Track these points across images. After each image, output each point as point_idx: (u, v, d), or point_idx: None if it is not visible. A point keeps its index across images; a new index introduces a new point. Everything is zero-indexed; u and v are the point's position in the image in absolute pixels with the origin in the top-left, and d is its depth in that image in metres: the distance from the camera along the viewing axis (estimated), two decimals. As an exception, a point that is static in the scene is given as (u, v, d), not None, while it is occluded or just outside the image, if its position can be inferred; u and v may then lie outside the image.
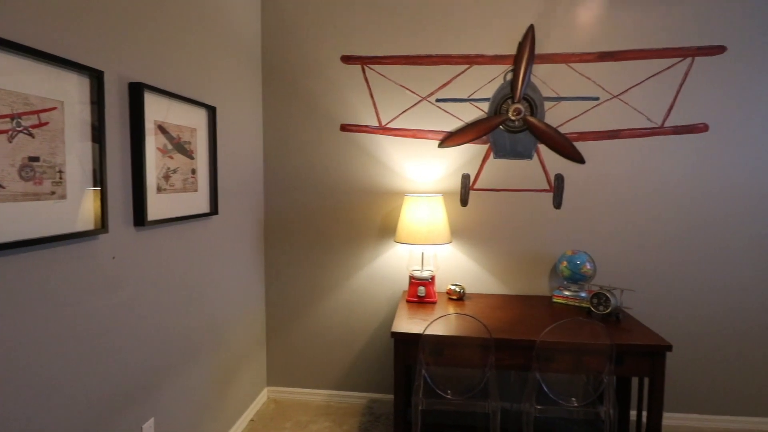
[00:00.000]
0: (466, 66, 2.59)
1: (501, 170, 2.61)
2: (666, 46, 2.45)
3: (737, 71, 2.42)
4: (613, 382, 1.98)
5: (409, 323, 2.10)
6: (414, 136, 2.66)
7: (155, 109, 1.68)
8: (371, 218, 2.73)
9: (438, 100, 2.62)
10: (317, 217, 2.77)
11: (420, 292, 2.43)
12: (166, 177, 1.76)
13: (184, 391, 1.94)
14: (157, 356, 1.74)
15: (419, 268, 2.60)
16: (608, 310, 2.15)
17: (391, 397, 2.81)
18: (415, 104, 2.63)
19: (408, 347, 2.01)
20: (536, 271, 2.63)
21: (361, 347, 2.81)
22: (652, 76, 2.46)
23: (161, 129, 1.72)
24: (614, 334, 1.99)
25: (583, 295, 2.38)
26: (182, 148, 1.87)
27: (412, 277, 2.47)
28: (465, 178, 2.64)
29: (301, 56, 2.69)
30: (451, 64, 2.59)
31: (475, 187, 2.64)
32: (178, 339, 1.88)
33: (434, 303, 2.43)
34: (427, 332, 1.96)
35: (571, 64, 2.51)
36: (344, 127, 2.70)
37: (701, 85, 2.44)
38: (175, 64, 1.82)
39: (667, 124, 2.48)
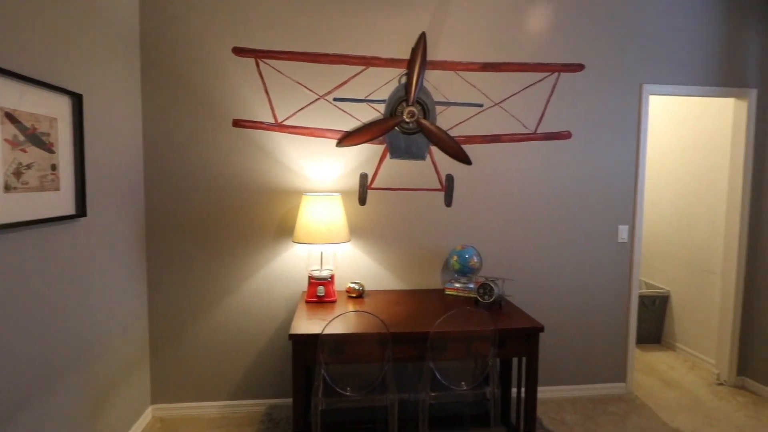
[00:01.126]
0: (362, 67, 2.63)
1: (397, 170, 2.71)
2: (538, 61, 2.75)
3: (593, 86, 2.81)
4: (497, 365, 2.17)
5: (308, 324, 2.07)
6: (312, 135, 2.63)
7: (2, 93, 1.42)
8: (268, 218, 2.64)
9: (336, 99, 2.62)
10: (209, 219, 2.59)
11: (319, 292, 2.41)
12: (18, 173, 1.51)
13: (42, 423, 1.68)
14: (3, 390, 1.48)
15: (318, 267, 2.58)
16: (492, 299, 2.35)
17: (291, 401, 2.75)
18: (313, 102, 2.60)
19: (307, 348, 1.98)
20: (430, 265, 2.78)
21: (258, 352, 2.70)
22: (527, 87, 2.75)
23: (10, 117, 1.47)
24: (497, 320, 2.18)
25: (471, 286, 2.57)
26: (38, 140, 1.62)
27: (311, 277, 2.44)
28: (363, 177, 2.68)
29: (187, 43, 2.50)
30: (348, 64, 2.61)
31: (373, 186, 2.70)
32: (33, 366, 1.62)
33: (334, 302, 2.43)
34: (326, 332, 1.95)
35: (459, 72, 2.70)
36: (237, 123, 2.57)
37: (565, 97, 2.79)
38: (27, 43, 1.56)
39: (539, 130, 2.79)
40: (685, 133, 3.68)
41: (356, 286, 2.52)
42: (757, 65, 2.96)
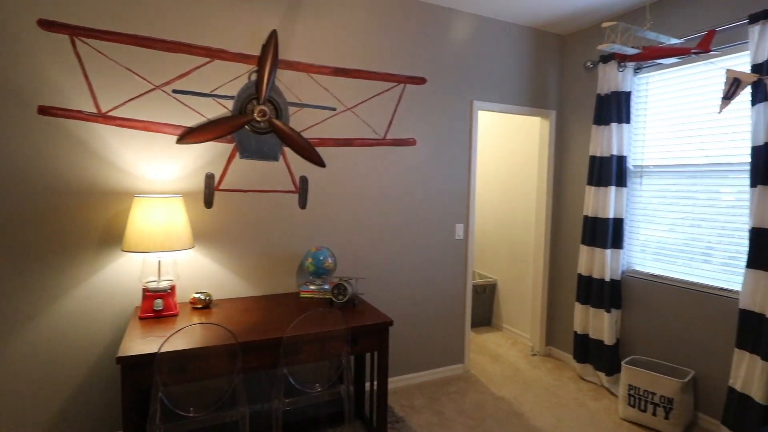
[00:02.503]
0: (207, 59, 2.44)
1: (248, 171, 2.58)
2: (386, 71, 2.92)
3: (434, 99, 3.10)
4: (350, 362, 2.24)
5: (141, 343, 1.83)
6: (146, 129, 2.34)
7: None
8: (89, 225, 2.25)
9: (175, 91, 2.38)
10: (7, 227, 2.10)
11: (157, 306, 2.15)
12: None
13: None
14: None
15: (155, 278, 2.31)
16: (346, 298, 2.41)
17: (124, 432, 2.40)
18: (147, 92, 2.32)
19: (140, 371, 1.75)
20: (285, 269, 2.72)
21: (78, 384, 2.28)
22: (376, 95, 2.90)
23: None
24: (351, 318, 2.24)
25: (326, 287, 2.59)
26: None
27: (146, 290, 2.17)
28: (209, 178, 2.49)
29: (-32, 7, 1.98)
30: (191, 54, 2.40)
31: (221, 187, 2.52)
32: None
33: (175, 315, 2.20)
34: (164, 349, 1.76)
35: (311, 75, 2.70)
36: (44, 110, 2.14)
37: (410, 106, 3.02)
38: None
39: (388, 136, 2.96)
40: (508, 144, 4.32)
41: (202, 296, 2.32)
42: (555, 91, 3.63)
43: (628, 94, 3.05)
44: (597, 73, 3.30)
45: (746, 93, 2.43)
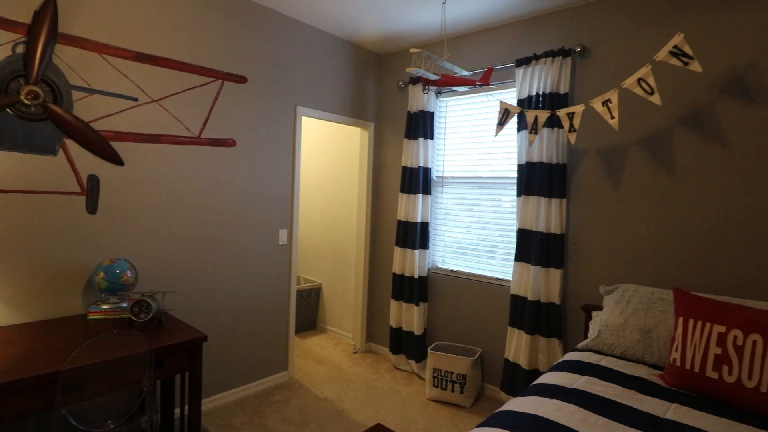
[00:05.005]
0: (-57, 16, 1.85)
1: (10, 166, 2.05)
2: (202, 65, 2.69)
3: (256, 100, 2.99)
4: (155, 388, 1.97)
5: None
6: None
7: None
8: None
9: None
10: None
11: None
12: None
13: None
14: None
15: None
16: (150, 316, 2.12)
17: None
18: None
19: None
20: (67, 288, 2.24)
21: None
22: (190, 89, 2.64)
23: None
24: (156, 338, 1.98)
25: (124, 305, 2.24)
26: None
27: None
28: (-55, 172, 1.89)
29: None
30: None
31: (-34, 185, 1.94)
32: None
33: None
34: None
35: (106, 56, 2.30)
36: None
37: (229, 105, 2.85)
38: None
39: (204, 135, 2.73)
40: (332, 151, 4.46)
41: (-68, 330, 1.74)
42: (374, 105, 3.92)
43: (432, 114, 3.48)
44: (408, 92, 3.68)
45: (514, 121, 3.04)
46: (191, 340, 2.01)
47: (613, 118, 2.29)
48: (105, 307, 2.20)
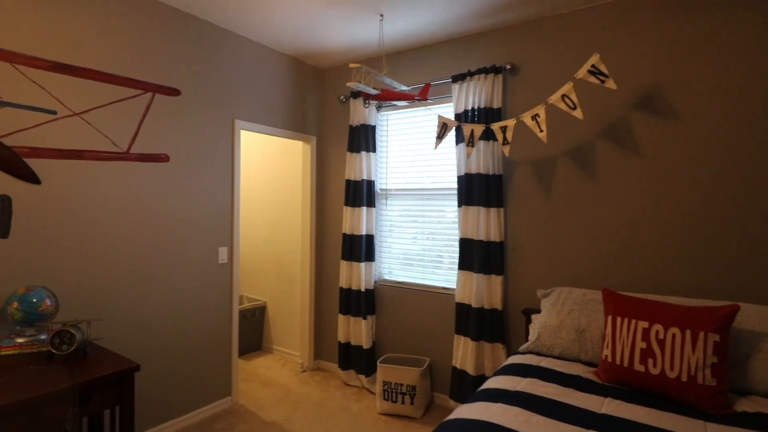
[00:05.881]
0: None
1: None
2: (129, 76, 2.54)
3: (191, 113, 2.87)
4: (80, 426, 1.80)
5: None
6: None
7: None
8: None
9: None
10: None
11: None
12: None
13: None
14: None
15: None
16: (73, 347, 1.94)
17: None
18: None
19: None
20: (-28, 321, 2.00)
21: None
22: (116, 101, 2.49)
23: None
24: (81, 371, 1.81)
25: (43, 337, 2.03)
26: None
27: None
28: None
29: None
30: None
31: None
32: None
33: None
34: None
35: (18, 66, 2.11)
36: None
37: (162, 119, 2.71)
38: None
39: (133, 150, 2.57)
40: (274, 165, 4.37)
41: None
42: (315, 118, 3.90)
43: (373, 128, 3.53)
44: (349, 106, 3.71)
45: (452, 134, 3.15)
46: (121, 371, 1.86)
47: (542, 131, 2.44)
48: (20, 340, 1.98)
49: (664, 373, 1.87)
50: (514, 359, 2.33)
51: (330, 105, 3.89)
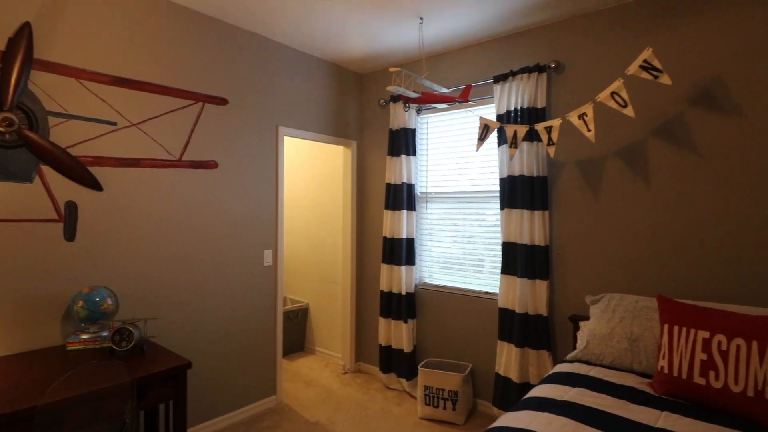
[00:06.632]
0: None
1: (-17, 194, 1.99)
2: (181, 87, 2.68)
3: (237, 121, 2.99)
4: (138, 419, 1.90)
5: None
6: None
7: None
8: None
9: None
10: None
11: None
12: None
13: None
14: None
15: None
16: (132, 344, 2.06)
17: None
18: None
19: None
20: (44, 318, 2.17)
21: None
22: (170, 112, 2.63)
23: None
24: (138, 367, 1.92)
25: (104, 334, 2.17)
26: None
27: None
28: None
29: None
30: None
31: (-64, 216, 1.88)
32: None
33: None
34: None
35: (83, 81, 2.28)
36: None
37: (211, 127, 2.84)
38: None
39: (185, 158, 2.71)
40: (316, 170, 4.46)
41: None
42: (356, 123, 3.95)
43: (413, 131, 3.52)
44: (389, 110, 3.72)
45: (494, 136, 3.09)
46: (175, 368, 1.95)
47: (589, 130, 2.35)
48: (84, 336, 2.13)
49: (727, 387, 1.74)
50: (561, 367, 2.25)
51: (370, 109, 3.92)
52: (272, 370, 3.25)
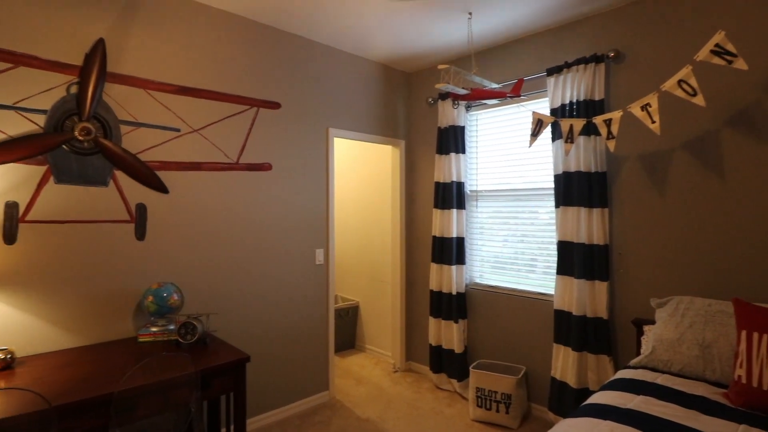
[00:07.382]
0: (9, 65, 2.03)
1: (66, 198, 2.19)
2: (238, 93, 2.80)
3: (290, 124, 3.08)
4: (202, 409, 2.01)
5: None
6: None
7: None
8: None
9: (-41, 101, 1.91)
10: None
11: (-75, 375, 1.64)
12: None
13: None
14: None
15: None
16: (196, 338, 2.18)
17: None
18: None
19: None
20: (118, 312, 2.35)
21: None
22: (227, 117, 2.76)
23: None
24: (202, 359, 2.03)
25: (171, 327, 2.31)
26: None
27: None
28: (10, 207, 2.03)
29: None
30: (-16, 56, 1.96)
31: (28, 218, 2.08)
32: None
33: (-44, 384, 1.71)
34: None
35: (150, 91, 2.44)
36: None
37: (266, 131, 2.95)
38: None
39: (241, 161, 2.83)
40: (365, 170, 4.51)
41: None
42: (404, 122, 3.95)
43: (462, 128, 3.47)
44: (437, 108, 3.69)
45: (548, 131, 2.98)
46: (235, 361, 2.05)
47: (654, 122, 2.21)
48: (154, 329, 2.28)
49: (819, 402, 1.57)
50: (624, 374, 2.13)
51: (418, 108, 3.91)
52: (325, 366, 3.33)
